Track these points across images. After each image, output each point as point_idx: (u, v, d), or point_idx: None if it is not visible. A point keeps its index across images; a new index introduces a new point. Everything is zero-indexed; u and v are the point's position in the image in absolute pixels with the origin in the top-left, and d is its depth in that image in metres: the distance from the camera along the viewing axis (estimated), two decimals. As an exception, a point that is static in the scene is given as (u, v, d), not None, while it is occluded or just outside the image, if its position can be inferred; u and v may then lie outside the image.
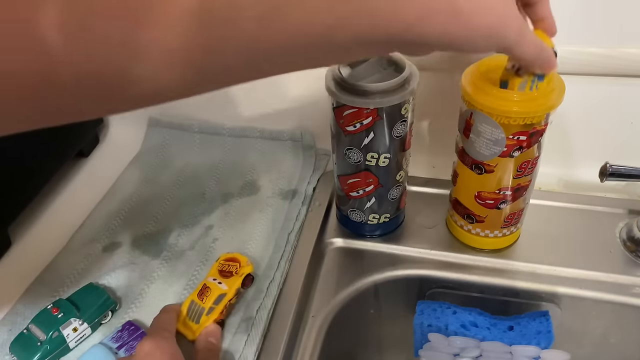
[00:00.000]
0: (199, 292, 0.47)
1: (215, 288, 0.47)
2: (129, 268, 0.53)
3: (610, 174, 0.51)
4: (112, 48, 0.23)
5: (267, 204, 0.59)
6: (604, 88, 0.54)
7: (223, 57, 0.25)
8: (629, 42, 0.50)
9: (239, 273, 0.48)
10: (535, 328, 0.50)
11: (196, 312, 0.46)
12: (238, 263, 0.49)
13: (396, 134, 0.47)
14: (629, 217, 0.55)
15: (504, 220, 0.51)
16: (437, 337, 0.51)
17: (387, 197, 0.52)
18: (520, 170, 0.46)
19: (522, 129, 0.43)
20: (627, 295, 0.49)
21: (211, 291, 0.47)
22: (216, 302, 0.46)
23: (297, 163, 0.64)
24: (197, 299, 0.47)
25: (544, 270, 0.51)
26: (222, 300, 0.46)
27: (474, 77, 0.45)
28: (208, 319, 0.45)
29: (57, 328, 0.45)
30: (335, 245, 0.56)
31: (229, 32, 0.24)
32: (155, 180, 0.64)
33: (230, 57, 0.25)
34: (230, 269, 0.49)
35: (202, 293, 0.47)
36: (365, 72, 0.47)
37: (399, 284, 0.53)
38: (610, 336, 0.53)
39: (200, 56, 0.25)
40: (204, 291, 0.47)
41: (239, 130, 0.68)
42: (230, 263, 0.49)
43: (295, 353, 0.47)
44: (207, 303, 0.46)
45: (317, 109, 0.62)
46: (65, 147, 0.65)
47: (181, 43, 0.24)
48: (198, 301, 0.46)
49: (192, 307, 0.46)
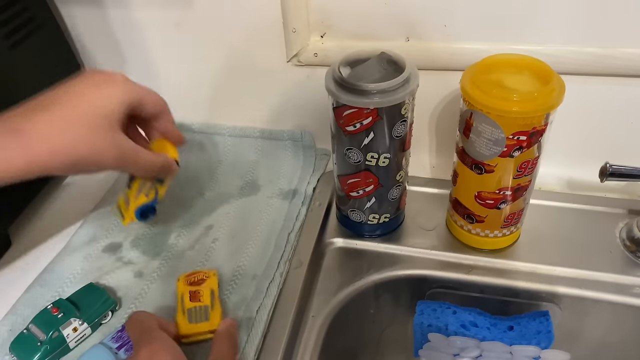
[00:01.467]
0: (189, 298, 0.47)
1: (202, 289, 0.48)
2: (129, 268, 0.53)
3: (610, 174, 0.51)
4: None
5: (267, 204, 0.59)
6: (604, 88, 0.54)
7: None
8: (629, 42, 0.50)
9: (209, 275, 0.50)
10: (535, 328, 0.50)
11: (200, 313, 0.46)
12: (200, 272, 0.50)
13: (396, 134, 0.47)
14: (629, 217, 0.55)
15: (504, 220, 0.51)
16: (437, 337, 0.51)
17: (387, 197, 0.52)
18: (520, 170, 0.46)
19: (522, 129, 0.43)
20: (627, 295, 0.49)
21: (202, 291, 0.48)
22: (212, 297, 0.47)
23: (297, 163, 0.64)
24: (192, 303, 0.47)
25: (544, 270, 0.51)
26: (214, 295, 0.48)
27: (474, 77, 0.45)
28: (215, 313, 0.46)
29: (57, 328, 0.45)
30: (335, 245, 0.56)
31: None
32: (155, 180, 0.64)
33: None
34: (199, 277, 0.50)
35: (194, 297, 0.47)
36: (365, 72, 0.47)
37: (399, 284, 0.53)
38: (610, 336, 0.53)
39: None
40: (195, 295, 0.47)
41: (239, 130, 0.68)
42: (194, 275, 0.50)
43: (295, 353, 0.47)
44: (206, 300, 0.47)
45: (317, 109, 0.62)
46: (65, 147, 0.65)
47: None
48: (194, 304, 0.46)
49: (192, 312, 0.46)
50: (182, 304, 0.47)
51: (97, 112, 0.40)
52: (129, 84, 0.43)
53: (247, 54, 0.61)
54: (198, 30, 0.61)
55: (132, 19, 0.62)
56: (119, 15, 0.62)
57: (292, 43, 0.58)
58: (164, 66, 0.66)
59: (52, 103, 0.39)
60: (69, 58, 0.65)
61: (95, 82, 0.41)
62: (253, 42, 0.60)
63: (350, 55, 0.48)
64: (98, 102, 0.40)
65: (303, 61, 0.59)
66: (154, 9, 0.61)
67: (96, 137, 0.39)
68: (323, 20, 0.57)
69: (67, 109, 0.39)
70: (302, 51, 0.58)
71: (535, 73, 0.45)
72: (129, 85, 0.43)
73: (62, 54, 0.64)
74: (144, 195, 0.49)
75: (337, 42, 0.57)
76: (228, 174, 0.64)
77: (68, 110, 0.39)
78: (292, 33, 0.57)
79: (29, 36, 0.58)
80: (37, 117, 0.38)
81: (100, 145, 0.39)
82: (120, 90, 0.42)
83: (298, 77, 0.61)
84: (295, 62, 0.60)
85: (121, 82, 0.42)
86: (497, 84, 0.44)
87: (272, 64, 0.61)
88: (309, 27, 0.57)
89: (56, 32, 0.63)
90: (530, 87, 0.44)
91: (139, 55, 0.66)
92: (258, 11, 0.57)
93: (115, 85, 0.42)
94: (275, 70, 0.61)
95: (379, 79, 0.45)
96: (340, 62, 0.47)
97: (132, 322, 0.42)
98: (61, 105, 0.39)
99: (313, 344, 0.48)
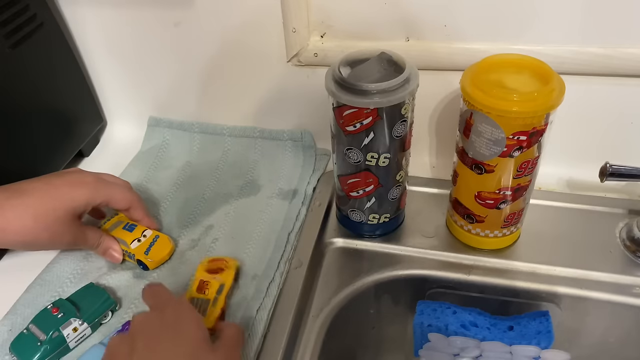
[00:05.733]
0: (197, 288, 0.48)
1: (213, 281, 0.48)
2: (129, 268, 0.53)
3: (610, 174, 0.50)
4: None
5: (267, 204, 0.59)
6: (604, 88, 0.54)
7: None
8: (629, 42, 0.50)
9: (229, 267, 0.50)
10: (535, 328, 0.50)
11: (200, 305, 0.46)
12: (223, 261, 0.51)
13: (396, 134, 0.47)
14: (629, 217, 0.55)
15: (504, 220, 0.51)
16: (437, 337, 0.51)
17: (387, 197, 0.52)
18: (520, 170, 0.46)
19: (522, 129, 0.43)
20: (627, 295, 0.49)
21: (210, 284, 0.48)
22: (218, 293, 0.47)
23: (297, 163, 0.64)
24: (197, 293, 0.47)
25: (544, 270, 0.51)
26: (222, 290, 0.48)
27: (474, 77, 0.45)
28: (214, 310, 0.46)
29: (57, 328, 0.45)
30: (335, 245, 0.56)
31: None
32: (155, 180, 0.64)
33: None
34: (218, 266, 0.50)
35: (201, 288, 0.48)
36: (365, 72, 0.47)
37: (399, 284, 0.53)
38: (610, 336, 0.53)
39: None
40: (203, 285, 0.48)
41: (239, 130, 0.68)
42: (215, 262, 0.50)
43: (295, 353, 0.47)
44: (211, 294, 0.47)
45: (317, 109, 0.62)
46: (65, 147, 0.65)
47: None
48: (199, 295, 0.47)
49: (195, 303, 0.46)
50: (190, 291, 0.48)
51: (65, 206, 0.48)
52: (99, 186, 0.51)
53: (247, 53, 0.61)
54: (198, 30, 0.61)
55: (132, 19, 0.62)
56: (119, 15, 0.62)
57: (292, 43, 0.58)
58: (164, 66, 0.66)
59: (33, 189, 0.48)
60: (69, 58, 0.65)
61: (70, 182, 0.50)
62: (253, 42, 0.60)
63: (350, 55, 0.48)
64: (68, 197, 0.49)
65: (303, 61, 0.59)
66: (154, 9, 0.61)
67: (57, 225, 0.48)
68: (323, 20, 0.57)
69: (43, 199, 0.48)
70: (302, 51, 0.58)
71: (535, 73, 0.45)
72: (98, 188, 0.51)
73: (62, 54, 0.64)
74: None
75: (337, 42, 0.57)
76: (228, 174, 0.65)
77: (44, 199, 0.47)
78: (292, 33, 0.57)
79: (29, 36, 0.58)
80: (15, 200, 0.47)
81: (59, 232, 0.48)
82: (89, 193, 0.50)
83: (298, 77, 0.61)
84: (295, 62, 0.60)
85: (92, 185, 0.50)
86: (497, 84, 0.44)
87: (272, 64, 0.61)
88: (309, 27, 0.57)
89: (56, 32, 0.63)
90: (530, 87, 0.44)
91: (139, 55, 0.66)
92: (258, 11, 0.57)
93: (86, 187, 0.50)
94: (275, 70, 0.61)
95: (379, 79, 0.45)
96: (340, 62, 0.47)
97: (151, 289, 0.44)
98: (40, 192, 0.48)
99: (313, 344, 0.48)
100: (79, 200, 0.49)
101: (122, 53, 0.66)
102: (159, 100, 0.70)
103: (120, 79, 0.69)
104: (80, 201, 0.49)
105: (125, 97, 0.71)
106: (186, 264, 0.53)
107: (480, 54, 0.47)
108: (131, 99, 0.71)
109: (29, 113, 0.59)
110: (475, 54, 0.49)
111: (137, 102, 0.71)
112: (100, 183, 0.51)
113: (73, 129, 0.67)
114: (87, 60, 0.68)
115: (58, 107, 0.64)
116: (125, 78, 0.69)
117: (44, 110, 0.62)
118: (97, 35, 0.65)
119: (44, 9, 0.60)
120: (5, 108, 0.56)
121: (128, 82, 0.69)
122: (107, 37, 0.65)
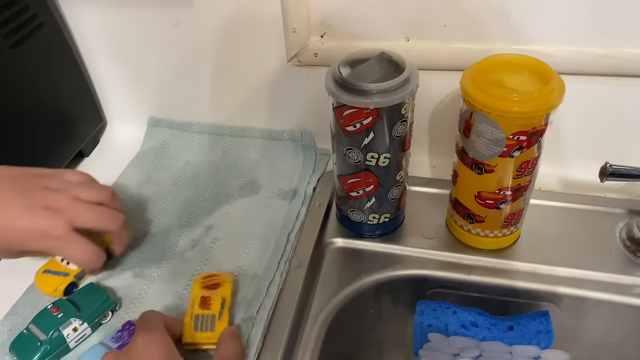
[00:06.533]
0: (199, 305, 0.47)
1: (215, 296, 0.47)
2: (129, 268, 0.53)
3: (610, 174, 0.50)
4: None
5: (267, 204, 0.59)
6: (604, 88, 0.54)
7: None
8: (629, 42, 0.50)
9: (225, 281, 0.49)
10: (535, 328, 0.50)
11: (206, 322, 0.46)
12: (216, 276, 0.50)
13: (396, 134, 0.47)
14: (629, 217, 0.55)
15: (504, 220, 0.51)
16: (437, 337, 0.51)
17: (387, 197, 0.52)
18: (520, 170, 0.46)
19: (522, 129, 0.43)
20: (627, 295, 0.49)
21: (212, 299, 0.47)
22: (222, 307, 0.47)
23: (297, 163, 0.64)
24: (201, 310, 0.46)
25: (544, 270, 0.51)
26: (225, 304, 0.47)
27: (474, 77, 0.45)
28: (221, 323, 0.46)
29: (57, 328, 0.45)
30: (335, 245, 0.56)
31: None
32: (155, 180, 0.64)
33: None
34: (214, 282, 0.49)
35: (204, 304, 0.47)
36: (365, 72, 0.47)
37: (399, 284, 0.53)
38: (610, 336, 0.53)
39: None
40: (205, 302, 0.47)
41: (239, 130, 0.68)
42: (210, 278, 0.50)
43: (295, 353, 0.47)
44: (215, 309, 0.46)
45: (317, 109, 0.62)
46: (65, 147, 0.65)
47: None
48: (203, 311, 0.46)
49: (200, 320, 0.46)
50: (192, 308, 0.47)
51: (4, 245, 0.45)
52: (61, 244, 0.46)
53: (247, 54, 0.61)
54: (198, 30, 0.61)
55: (132, 19, 0.62)
56: (119, 15, 0.62)
57: (292, 43, 0.58)
58: (164, 66, 0.66)
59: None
60: (69, 58, 0.65)
61: (30, 228, 0.45)
62: (253, 42, 0.60)
63: (350, 55, 0.48)
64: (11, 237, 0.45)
65: (303, 61, 0.59)
66: (154, 9, 0.61)
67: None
68: (323, 20, 0.57)
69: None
70: (302, 51, 0.58)
71: (535, 73, 0.45)
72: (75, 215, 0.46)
73: (62, 54, 0.64)
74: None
75: (337, 42, 0.57)
76: (228, 174, 0.65)
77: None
78: (292, 33, 0.57)
79: (29, 36, 0.58)
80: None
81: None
82: (46, 248, 0.46)
83: (298, 77, 0.61)
84: (295, 62, 0.60)
85: (52, 241, 0.46)
86: (497, 84, 0.44)
87: (272, 64, 0.61)
88: (309, 27, 0.57)
89: (56, 32, 0.63)
90: (530, 87, 0.44)
91: (139, 55, 0.66)
92: (258, 11, 0.57)
93: (47, 240, 0.45)
94: (275, 70, 0.61)
95: (379, 79, 0.45)
96: (340, 62, 0.47)
97: (141, 319, 0.43)
98: None
99: (313, 344, 0.48)
100: (25, 247, 0.45)
101: (122, 53, 0.66)
102: (159, 100, 0.70)
103: (120, 79, 0.69)
104: (28, 249, 0.46)
105: (125, 97, 0.71)
106: (186, 264, 0.53)
107: (480, 54, 0.47)
108: (131, 99, 0.71)
109: (28, 113, 0.59)
110: (475, 54, 0.49)
111: (137, 102, 0.71)
112: (65, 239, 0.46)
113: (73, 129, 0.67)
114: (87, 60, 0.68)
115: (58, 107, 0.64)
116: (125, 78, 0.69)
117: (44, 110, 0.62)
118: (97, 35, 0.65)
119: (44, 9, 0.60)
120: (5, 108, 0.56)
121: (128, 82, 0.69)
122: (107, 37, 0.65)
